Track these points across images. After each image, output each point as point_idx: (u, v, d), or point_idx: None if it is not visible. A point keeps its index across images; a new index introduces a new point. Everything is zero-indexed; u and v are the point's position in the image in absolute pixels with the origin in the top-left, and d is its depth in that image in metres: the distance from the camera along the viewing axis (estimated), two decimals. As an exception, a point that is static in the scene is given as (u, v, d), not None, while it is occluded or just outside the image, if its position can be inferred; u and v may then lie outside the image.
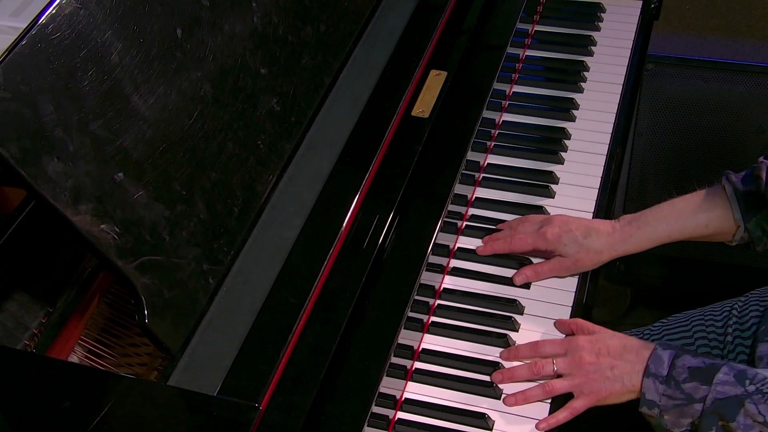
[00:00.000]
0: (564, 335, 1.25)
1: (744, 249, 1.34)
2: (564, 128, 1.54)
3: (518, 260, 1.34)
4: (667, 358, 1.15)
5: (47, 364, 1.10)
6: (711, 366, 1.13)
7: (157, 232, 1.05)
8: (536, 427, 1.15)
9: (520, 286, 1.31)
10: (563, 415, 1.16)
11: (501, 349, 1.24)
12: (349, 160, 1.28)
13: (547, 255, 1.33)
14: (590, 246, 1.29)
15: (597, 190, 1.44)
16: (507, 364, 1.22)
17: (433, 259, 1.29)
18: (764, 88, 2.10)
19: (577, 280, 1.33)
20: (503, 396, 1.18)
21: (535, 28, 1.72)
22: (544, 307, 1.29)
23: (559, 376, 1.19)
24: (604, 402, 1.18)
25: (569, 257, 1.30)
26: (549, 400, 1.18)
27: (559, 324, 1.26)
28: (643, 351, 1.17)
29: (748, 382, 1.10)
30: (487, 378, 1.20)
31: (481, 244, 1.35)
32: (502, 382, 1.20)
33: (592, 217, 1.40)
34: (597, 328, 1.23)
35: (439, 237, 1.29)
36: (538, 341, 1.22)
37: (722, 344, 1.42)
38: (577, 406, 1.17)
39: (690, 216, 1.29)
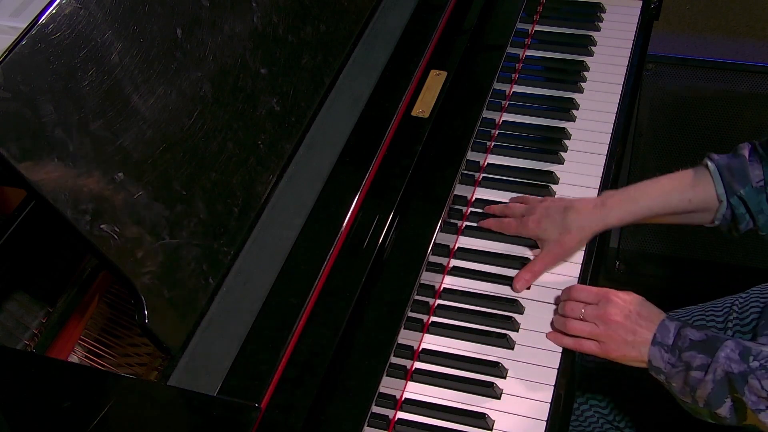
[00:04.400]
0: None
1: (726, 233, 1.36)
2: (564, 128, 1.54)
3: (519, 261, 1.34)
4: (673, 328, 1.18)
5: (47, 364, 1.10)
6: (712, 338, 1.16)
7: (157, 232, 1.05)
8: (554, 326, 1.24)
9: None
10: (568, 341, 1.22)
11: (501, 349, 1.24)
12: (349, 160, 1.28)
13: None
14: (570, 225, 1.31)
15: (597, 191, 1.44)
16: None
17: (433, 259, 1.29)
18: (764, 88, 2.10)
19: (577, 279, 1.33)
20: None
21: (535, 28, 1.72)
22: (544, 307, 1.29)
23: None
24: (614, 360, 1.22)
25: (553, 242, 1.32)
26: (549, 399, 1.18)
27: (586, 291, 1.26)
28: None
29: (752, 358, 1.12)
30: (487, 378, 1.20)
31: (481, 242, 1.36)
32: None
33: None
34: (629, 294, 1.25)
35: (439, 237, 1.29)
36: (574, 285, 1.26)
37: None
38: (587, 345, 1.21)
39: (674, 191, 1.31)
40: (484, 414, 1.16)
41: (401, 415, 1.17)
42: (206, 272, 1.10)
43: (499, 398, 1.18)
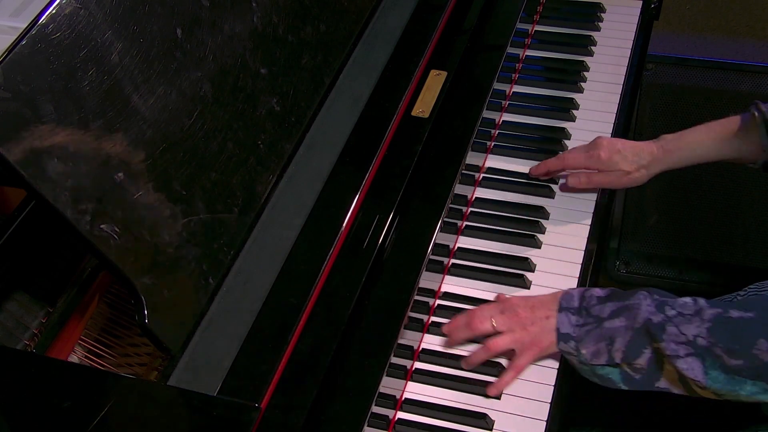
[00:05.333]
0: None
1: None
2: (564, 128, 1.54)
3: (519, 261, 1.34)
4: (576, 293, 1.20)
5: (47, 364, 1.10)
6: (618, 291, 1.19)
7: (157, 232, 1.05)
8: (487, 392, 1.18)
9: (520, 287, 1.31)
10: (509, 376, 1.19)
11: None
12: (349, 160, 1.28)
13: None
14: (640, 163, 1.40)
15: (597, 190, 1.44)
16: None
17: (433, 258, 1.29)
18: (764, 88, 2.10)
19: (577, 279, 1.33)
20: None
21: (535, 28, 1.72)
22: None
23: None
24: (546, 352, 1.21)
25: (623, 174, 1.41)
26: (549, 399, 1.18)
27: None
28: None
29: (668, 308, 1.14)
30: (487, 378, 1.20)
31: (481, 242, 1.36)
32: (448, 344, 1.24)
33: (592, 218, 1.41)
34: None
35: (439, 237, 1.29)
36: (472, 309, 1.24)
37: None
38: (521, 362, 1.20)
39: (726, 141, 1.39)
40: (484, 414, 1.16)
41: (401, 415, 1.17)
42: (206, 272, 1.10)
43: (499, 398, 1.18)
